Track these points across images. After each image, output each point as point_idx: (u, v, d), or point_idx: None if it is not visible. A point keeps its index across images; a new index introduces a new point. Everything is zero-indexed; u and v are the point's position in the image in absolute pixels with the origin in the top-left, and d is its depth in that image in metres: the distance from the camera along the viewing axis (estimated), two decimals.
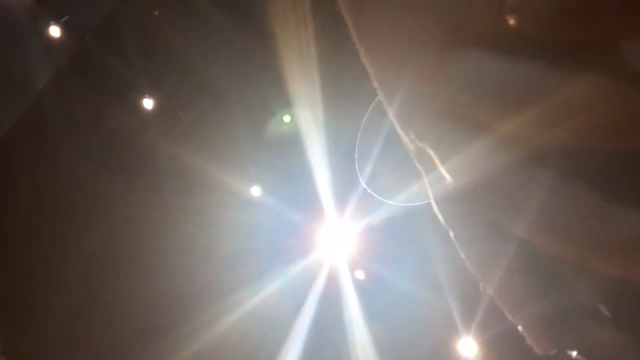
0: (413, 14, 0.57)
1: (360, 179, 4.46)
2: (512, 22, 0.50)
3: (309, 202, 5.03)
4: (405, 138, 0.66)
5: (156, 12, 4.74)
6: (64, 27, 4.73)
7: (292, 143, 4.87)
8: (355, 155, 4.28)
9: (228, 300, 5.20)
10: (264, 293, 5.26)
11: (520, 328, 0.56)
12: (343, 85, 4.51)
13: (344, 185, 4.89)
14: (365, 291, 5.31)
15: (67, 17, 4.71)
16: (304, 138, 4.78)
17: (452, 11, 0.56)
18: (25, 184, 5.10)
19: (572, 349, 0.52)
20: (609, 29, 0.49)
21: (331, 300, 5.29)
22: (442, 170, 0.62)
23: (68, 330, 5.05)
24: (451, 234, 0.64)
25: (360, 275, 5.37)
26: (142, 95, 5.00)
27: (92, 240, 5.23)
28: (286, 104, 4.71)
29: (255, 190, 5.24)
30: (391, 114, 0.66)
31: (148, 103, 5.01)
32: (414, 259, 4.94)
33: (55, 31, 4.70)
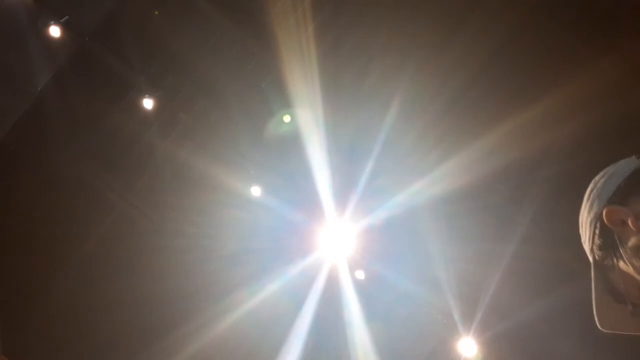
0: None
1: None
2: None
3: (309, 202, 5.03)
4: None
5: (156, 12, 4.73)
6: (64, 27, 4.72)
7: (292, 143, 4.87)
8: None
9: (228, 300, 5.20)
10: (264, 293, 5.26)
11: None
12: (342, 85, 4.51)
13: (344, 185, 4.89)
14: (365, 291, 5.31)
15: (67, 17, 4.70)
16: (304, 138, 4.78)
17: None
18: (26, 184, 5.10)
19: None
20: None
21: (331, 300, 5.29)
22: None
23: (68, 330, 5.05)
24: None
25: (360, 275, 5.37)
26: (142, 95, 5.00)
27: (92, 240, 5.23)
28: (286, 104, 4.71)
29: (255, 190, 5.24)
30: None
31: (148, 103, 5.00)
32: (414, 259, 4.94)
33: (55, 31, 4.69)
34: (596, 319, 0.98)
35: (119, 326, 4.92)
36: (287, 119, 4.88)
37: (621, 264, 0.94)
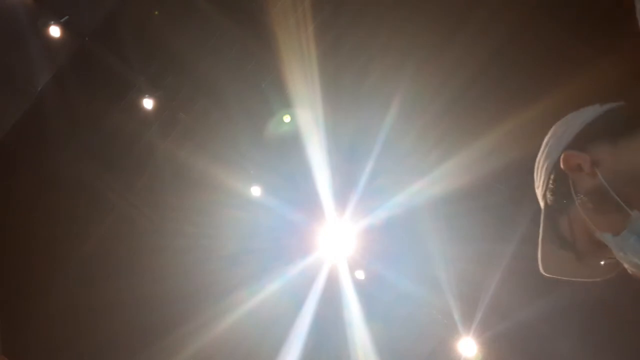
0: None
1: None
2: None
3: (309, 202, 5.03)
4: None
5: (156, 12, 4.73)
6: (64, 27, 4.72)
7: (292, 143, 4.87)
8: None
9: (228, 300, 5.20)
10: (264, 293, 5.26)
11: None
12: (342, 85, 4.51)
13: (344, 185, 4.89)
14: (365, 291, 5.31)
15: (67, 17, 4.70)
16: (304, 138, 4.78)
17: None
18: (26, 184, 5.10)
19: None
20: None
21: (331, 300, 5.29)
22: None
23: (68, 330, 5.05)
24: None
25: (360, 275, 5.37)
26: (142, 95, 5.00)
27: (92, 240, 5.23)
28: (286, 104, 4.71)
29: (255, 190, 5.24)
30: None
31: (148, 103, 5.00)
32: (414, 259, 4.94)
33: (55, 31, 4.69)
34: (540, 263, 1.00)
35: (119, 326, 4.92)
36: (287, 119, 4.89)
37: (572, 209, 0.94)
